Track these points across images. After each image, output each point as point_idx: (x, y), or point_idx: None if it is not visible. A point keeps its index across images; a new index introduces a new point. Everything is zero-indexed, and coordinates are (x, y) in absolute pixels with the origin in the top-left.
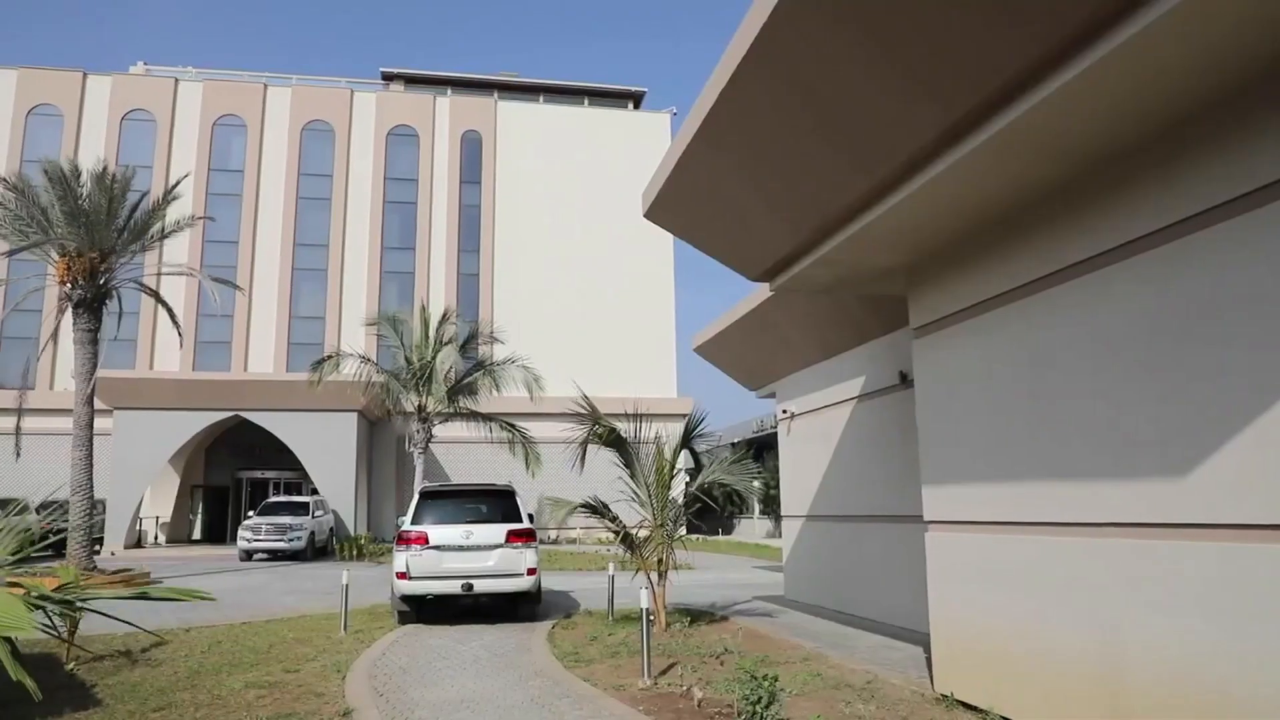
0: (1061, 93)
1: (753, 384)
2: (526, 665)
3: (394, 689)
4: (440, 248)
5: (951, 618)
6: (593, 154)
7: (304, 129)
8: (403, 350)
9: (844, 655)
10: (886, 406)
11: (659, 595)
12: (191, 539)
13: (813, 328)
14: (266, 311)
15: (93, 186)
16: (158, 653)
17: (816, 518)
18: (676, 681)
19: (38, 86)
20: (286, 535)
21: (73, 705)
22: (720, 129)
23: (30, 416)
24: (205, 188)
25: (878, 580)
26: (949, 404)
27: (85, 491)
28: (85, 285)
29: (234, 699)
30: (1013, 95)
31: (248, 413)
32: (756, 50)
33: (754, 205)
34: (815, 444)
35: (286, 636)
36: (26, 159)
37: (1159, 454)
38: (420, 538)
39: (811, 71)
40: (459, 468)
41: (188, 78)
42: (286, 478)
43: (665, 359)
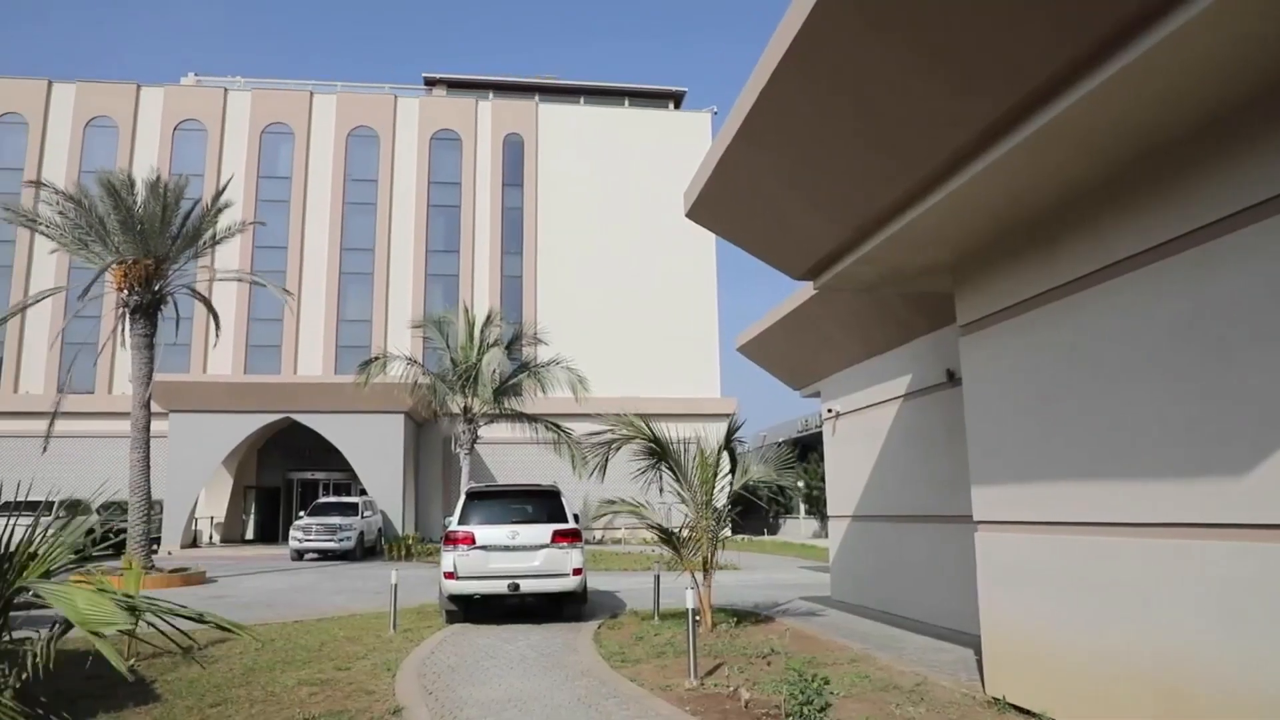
0: (1108, 86)
1: (797, 383)
2: (573, 665)
3: (443, 687)
4: (484, 250)
5: (1002, 619)
6: (634, 154)
7: (349, 135)
8: (448, 352)
9: (892, 656)
10: (933, 405)
11: (704, 595)
12: (245, 539)
13: (857, 326)
14: (315, 315)
15: (147, 195)
16: (214, 650)
17: (863, 518)
18: (723, 682)
19: (94, 100)
20: (336, 535)
21: (134, 700)
22: (761, 128)
23: (90, 419)
24: (255, 194)
25: (926, 581)
26: (998, 402)
27: (143, 492)
28: (141, 291)
29: (287, 696)
30: (1057, 89)
31: (298, 415)
32: (796, 49)
33: (795, 204)
34: (861, 443)
35: (337, 635)
36: (85, 170)
37: (1214, 452)
38: (467, 538)
39: (852, 69)
40: (504, 468)
41: (236, 87)
42: (336, 478)
43: (708, 359)
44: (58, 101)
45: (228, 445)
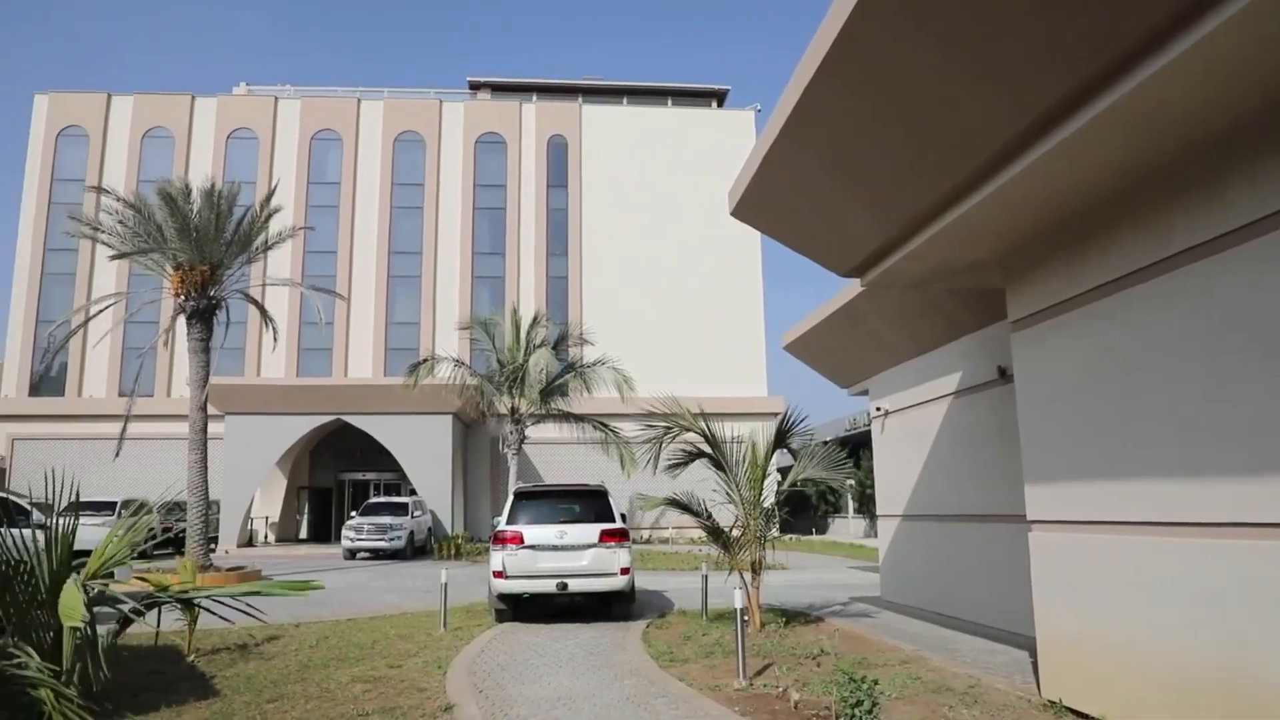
0: (1169, 70)
1: (844, 381)
2: (622, 664)
3: (493, 685)
4: (529, 252)
5: (1058, 621)
6: (678, 154)
7: (396, 140)
8: (495, 353)
9: (945, 658)
10: (984, 402)
11: (753, 595)
12: (299, 538)
13: (905, 323)
14: (364, 318)
15: (202, 203)
16: (269, 646)
17: (913, 517)
18: (772, 682)
19: (151, 111)
20: (387, 535)
21: (195, 695)
22: (805, 125)
23: (150, 422)
24: (305, 200)
25: (978, 581)
26: (1052, 399)
27: (201, 492)
28: (197, 297)
29: (341, 692)
30: (1113, 77)
31: (349, 416)
32: (839, 45)
33: (841, 201)
34: (910, 442)
35: (389, 633)
36: (143, 179)
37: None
38: (515, 537)
39: (896, 64)
40: (551, 468)
41: (286, 95)
42: (386, 479)
43: (755, 357)
44: (116, 114)
45: (281, 446)
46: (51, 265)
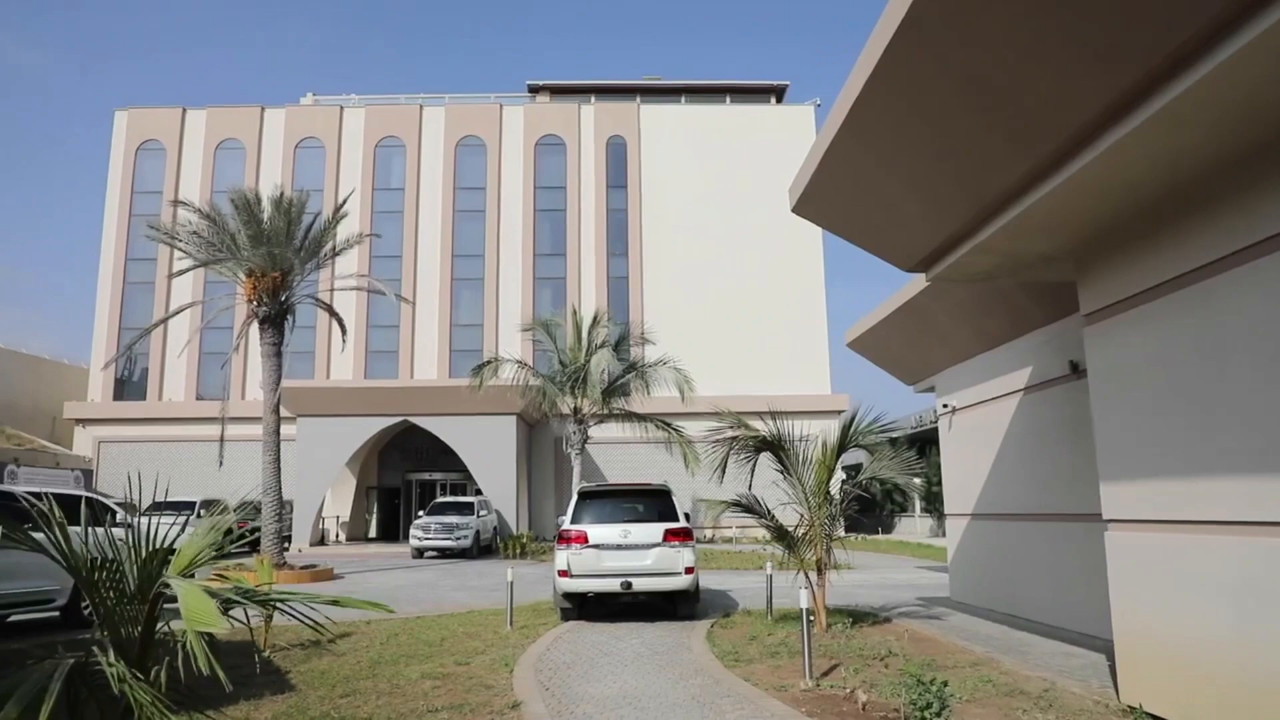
0: (1260, 44)
1: (910, 379)
2: (686, 663)
3: (559, 683)
4: (590, 252)
5: (1137, 623)
6: (737, 151)
7: (458, 145)
8: (557, 354)
9: (1017, 661)
10: (1056, 398)
11: (818, 595)
12: (368, 537)
13: (972, 318)
14: (429, 321)
15: (272, 211)
16: (342, 643)
17: (983, 516)
18: (839, 683)
19: (223, 123)
20: (454, 534)
21: (271, 690)
22: (868, 118)
23: (226, 424)
24: (370, 206)
25: (1052, 582)
26: (1128, 394)
27: (275, 493)
28: (269, 302)
29: (411, 688)
30: (1197, 53)
31: (415, 417)
32: (904, 33)
33: (905, 194)
34: (979, 439)
35: (457, 631)
36: (216, 190)
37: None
38: (580, 537)
39: (963, 51)
40: (614, 467)
41: (351, 104)
42: (452, 479)
43: (817, 355)
44: (191, 127)
45: (351, 447)
46: (133, 274)
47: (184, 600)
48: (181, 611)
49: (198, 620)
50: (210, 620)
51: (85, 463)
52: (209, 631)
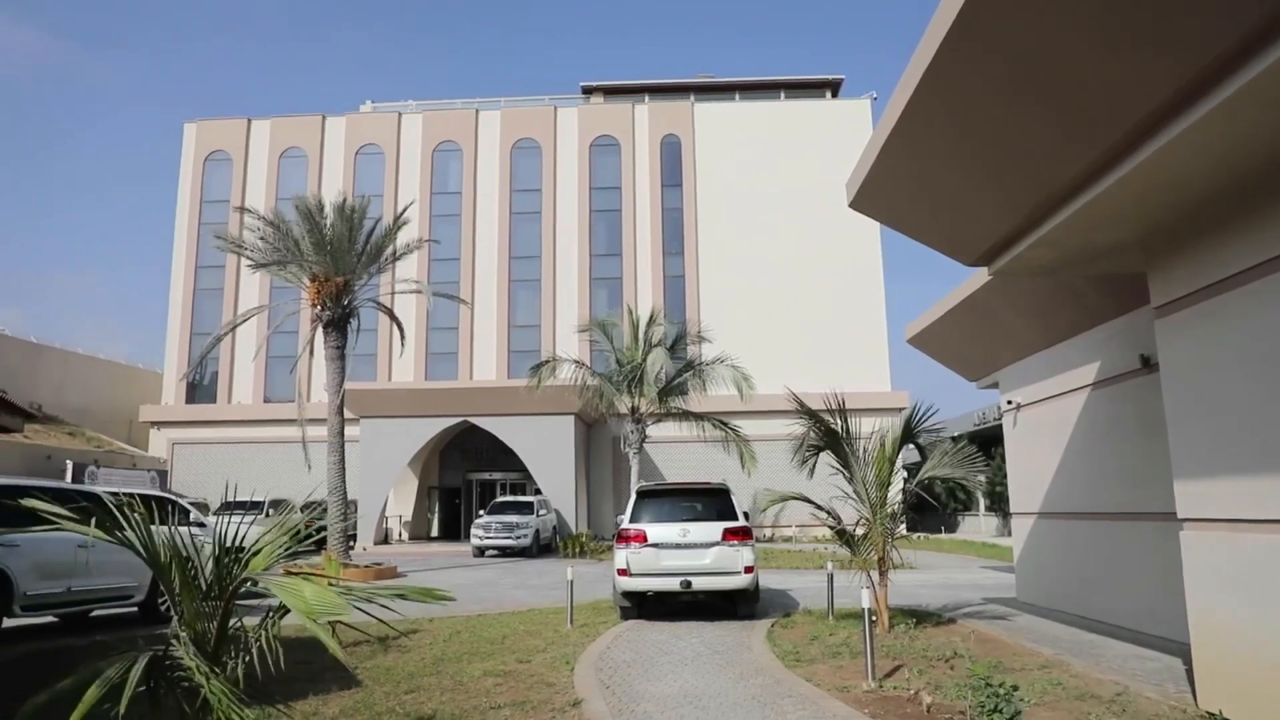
0: None
1: (972, 375)
2: (747, 663)
3: (619, 681)
4: (645, 252)
5: (1216, 626)
6: (792, 147)
7: (513, 147)
8: (614, 354)
9: (1088, 664)
10: (1126, 393)
11: (880, 595)
12: (430, 536)
13: (1037, 312)
14: (487, 322)
15: (335, 218)
16: (406, 640)
17: (1051, 515)
18: (902, 684)
19: (286, 133)
20: (514, 533)
21: (338, 685)
22: (926, 109)
23: (292, 426)
24: (428, 210)
25: (1124, 583)
26: (1204, 388)
27: (340, 493)
28: (332, 307)
29: (474, 685)
30: (1275, 33)
31: (474, 418)
32: (963, 22)
33: (966, 187)
34: (1045, 436)
35: (518, 629)
36: (280, 197)
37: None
38: (639, 536)
39: (1026, 37)
40: (672, 467)
41: (408, 111)
42: (511, 478)
43: (877, 352)
44: (256, 137)
45: (413, 448)
46: (203, 281)
47: (299, 594)
48: (296, 605)
49: (320, 610)
50: (335, 607)
51: (160, 464)
52: (333, 619)
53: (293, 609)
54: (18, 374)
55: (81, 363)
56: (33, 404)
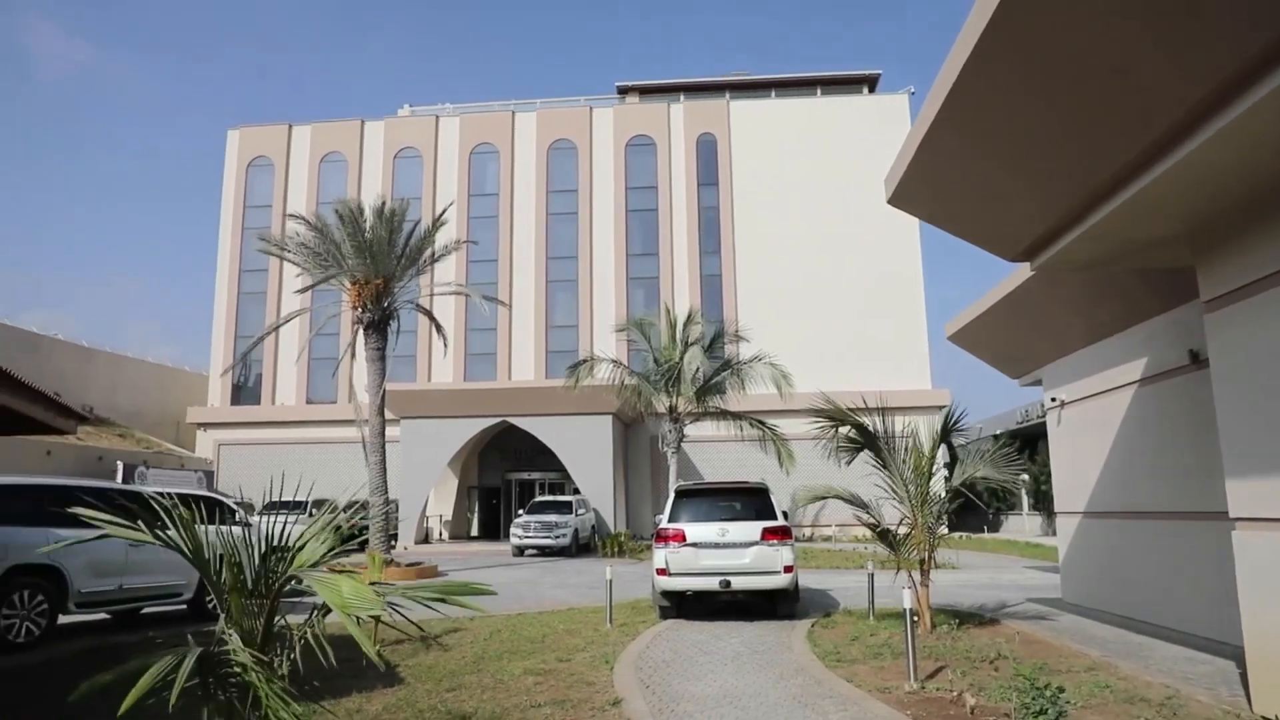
0: None
1: (1014, 372)
2: (787, 663)
3: (659, 681)
4: (682, 251)
5: (1271, 628)
6: (829, 144)
7: (549, 148)
8: (651, 353)
9: (1136, 666)
10: (1175, 389)
11: (922, 595)
12: (470, 536)
13: (1081, 307)
14: (525, 323)
15: (374, 221)
16: (448, 639)
17: (1096, 514)
18: (945, 685)
19: (326, 138)
20: (553, 532)
21: (381, 682)
22: (967, 102)
23: (332, 427)
24: (466, 212)
25: (1173, 583)
26: (1255, 384)
27: (381, 492)
28: (372, 309)
29: (514, 684)
30: None
31: (513, 418)
32: (1003, 14)
33: (1006, 181)
34: (1091, 434)
35: (558, 628)
36: (321, 202)
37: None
38: (678, 535)
39: (1065, 30)
40: (711, 466)
41: (446, 114)
42: (550, 478)
43: (917, 349)
44: (297, 142)
45: (452, 448)
46: (246, 285)
47: (336, 590)
48: (333, 600)
49: (356, 606)
50: (371, 604)
51: (206, 464)
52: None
53: (330, 605)
54: (70, 377)
55: (131, 366)
56: (85, 406)
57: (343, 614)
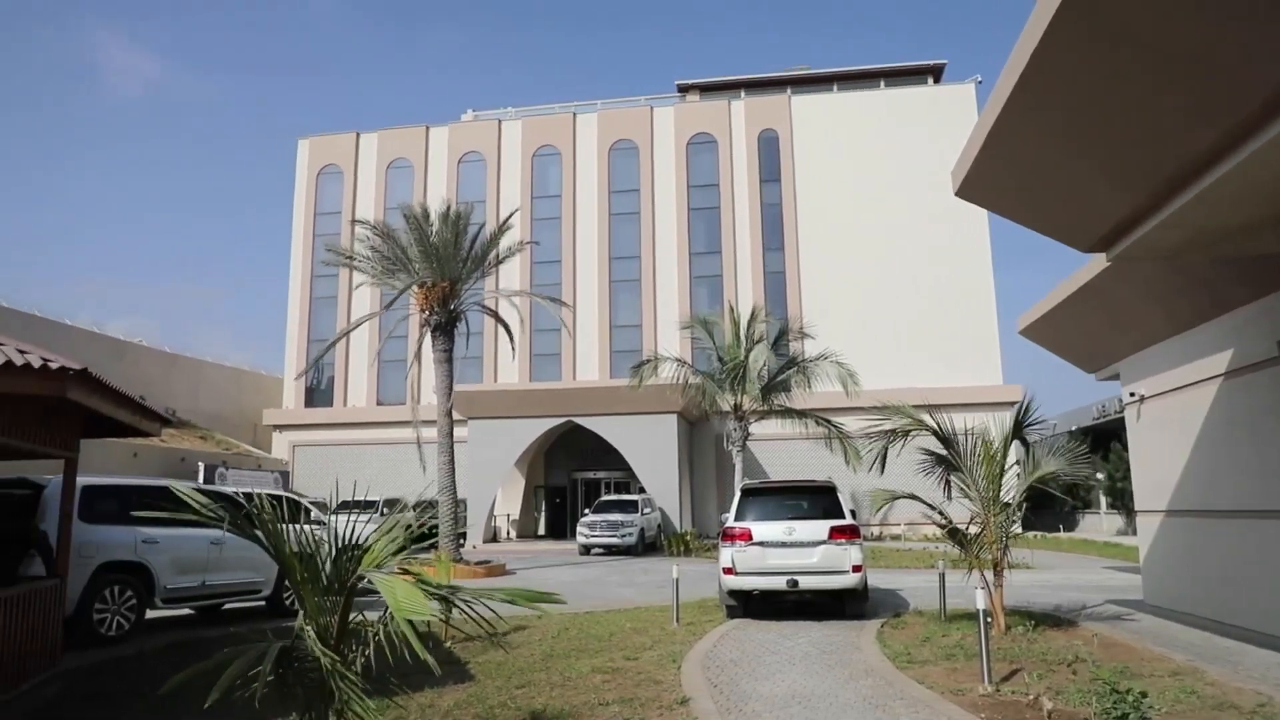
0: None
1: (1090, 366)
2: (856, 663)
3: (726, 680)
4: (745, 248)
5: None
6: (894, 136)
7: (611, 149)
8: (715, 351)
9: (1225, 671)
10: (1264, 382)
11: (996, 596)
12: (537, 534)
13: (1161, 298)
14: (589, 323)
15: (440, 225)
16: (516, 636)
17: (1180, 513)
18: (1021, 689)
19: (392, 144)
20: (619, 531)
21: (452, 679)
22: (1036, 91)
23: (403, 428)
24: (529, 214)
25: (1265, 585)
26: None
27: (450, 492)
28: (439, 311)
29: (582, 682)
30: None
31: (578, 418)
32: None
33: (1080, 170)
34: (1173, 429)
35: (624, 626)
36: (388, 207)
37: None
38: (744, 534)
39: (1143, 8)
40: (776, 464)
41: (508, 118)
42: (615, 477)
43: (987, 344)
44: (364, 150)
45: (519, 448)
46: (318, 290)
47: (392, 592)
48: (390, 602)
49: (408, 609)
50: (420, 608)
51: (282, 465)
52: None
53: (389, 605)
54: (154, 382)
55: (211, 370)
56: (168, 409)
57: (397, 614)
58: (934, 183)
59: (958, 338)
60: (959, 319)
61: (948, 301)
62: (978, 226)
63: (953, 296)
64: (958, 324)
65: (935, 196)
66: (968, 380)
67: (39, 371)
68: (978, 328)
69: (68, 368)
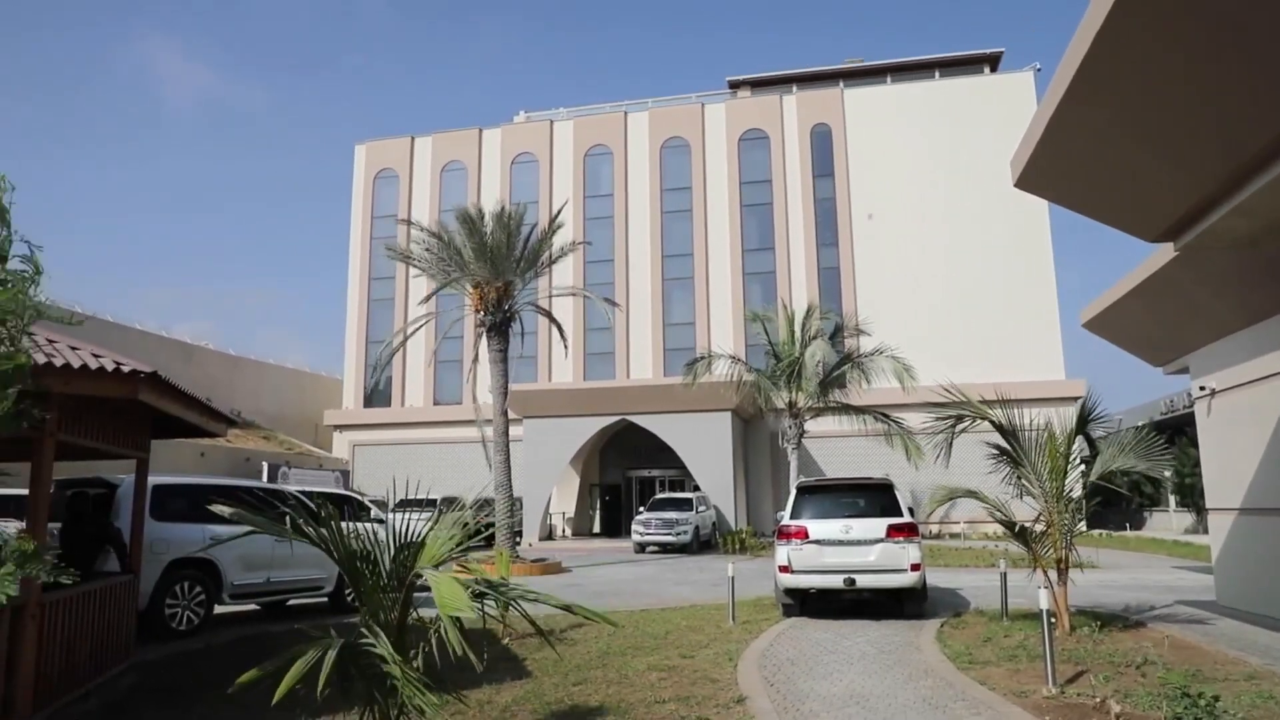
0: None
1: (1157, 359)
2: (915, 664)
3: (783, 679)
4: (799, 244)
5: None
6: (949, 127)
7: (662, 147)
8: (770, 348)
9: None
10: None
11: (1060, 595)
12: (592, 532)
13: (1231, 289)
14: (642, 321)
15: (494, 226)
16: (573, 634)
17: (1256, 511)
18: (1086, 691)
19: (446, 147)
20: (674, 530)
21: (510, 675)
22: (1098, 78)
23: (460, 427)
24: (582, 214)
25: None
26: None
27: (506, 490)
28: (494, 311)
29: (638, 679)
30: None
31: (632, 416)
32: None
33: (1145, 158)
34: (1247, 424)
35: (680, 624)
36: (443, 209)
37: None
38: (800, 532)
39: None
40: (832, 462)
41: (560, 118)
42: (670, 475)
43: (1048, 338)
44: (419, 153)
45: (574, 447)
46: (376, 292)
47: (438, 589)
48: (436, 599)
49: (451, 606)
50: (463, 606)
51: (343, 464)
52: (460, 616)
53: (435, 601)
54: (219, 383)
55: (273, 372)
56: (233, 410)
57: (441, 611)
58: (992, 174)
59: (1018, 332)
60: (1019, 313)
61: (1007, 295)
62: (1038, 218)
63: (1012, 290)
64: (1018, 318)
65: (993, 188)
66: (1029, 375)
67: (113, 375)
68: (1038, 321)
69: (139, 371)
